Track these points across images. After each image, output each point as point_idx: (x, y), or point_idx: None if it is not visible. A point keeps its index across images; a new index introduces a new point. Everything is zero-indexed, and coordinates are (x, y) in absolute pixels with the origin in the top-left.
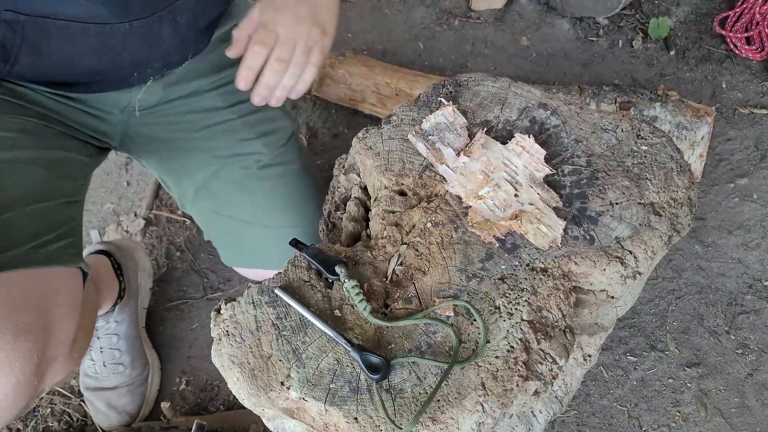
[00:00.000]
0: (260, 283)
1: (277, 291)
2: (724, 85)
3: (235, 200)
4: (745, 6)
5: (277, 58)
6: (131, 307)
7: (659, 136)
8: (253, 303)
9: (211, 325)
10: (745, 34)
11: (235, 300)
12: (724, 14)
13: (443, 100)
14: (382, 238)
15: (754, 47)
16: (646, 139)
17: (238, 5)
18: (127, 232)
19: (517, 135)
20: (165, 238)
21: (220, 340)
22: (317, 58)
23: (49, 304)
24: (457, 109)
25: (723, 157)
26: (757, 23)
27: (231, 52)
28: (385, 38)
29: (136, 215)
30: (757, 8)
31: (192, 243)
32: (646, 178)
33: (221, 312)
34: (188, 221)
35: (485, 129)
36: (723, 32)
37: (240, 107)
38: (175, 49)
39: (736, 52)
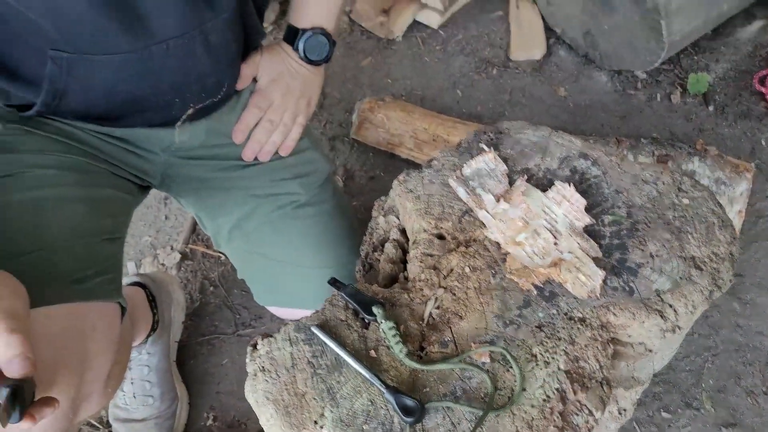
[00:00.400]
0: (298, 320)
1: (313, 329)
2: (763, 143)
3: (269, 240)
4: None
5: (268, 119)
6: (164, 339)
7: (700, 190)
8: (290, 340)
9: (247, 360)
10: None
11: (271, 336)
12: (764, 72)
13: (484, 146)
14: (420, 281)
15: None
16: (687, 193)
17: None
18: (162, 265)
19: (557, 183)
20: (200, 273)
21: (256, 375)
22: (302, 120)
23: (86, 339)
24: (498, 156)
25: (762, 214)
26: None
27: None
28: (424, 85)
29: (172, 249)
30: None
31: (226, 279)
32: (687, 232)
33: (258, 347)
34: (223, 257)
35: (526, 176)
36: (763, 89)
37: (275, 166)
38: (210, 70)
39: None
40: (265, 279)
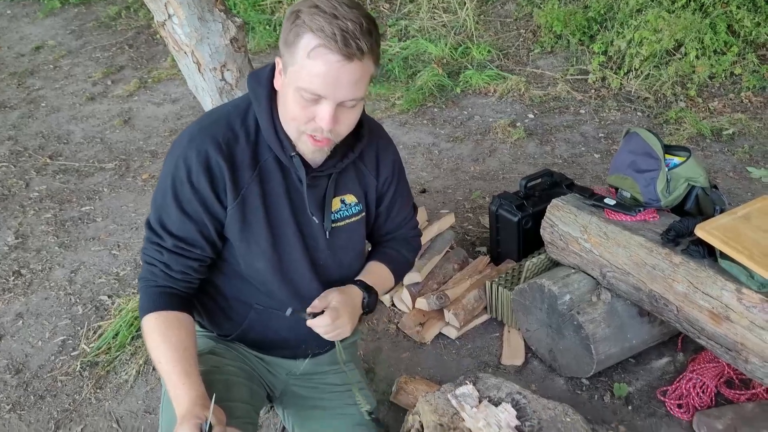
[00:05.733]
0: None
1: None
2: None
3: None
4: (679, 384)
5: (329, 316)
6: None
7: (576, 420)
8: None
9: None
10: (677, 402)
11: None
12: (665, 387)
13: (468, 381)
14: None
15: (683, 410)
16: (568, 416)
17: (356, 329)
18: None
19: (503, 404)
20: None
21: None
22: (348, 328)
23: None
24: (475, 387)
25: None
26: (686, 395)
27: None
28: (442, 373)
29: None
30: (683, 385)
31: None
32: None
33: None
34: None
35: (487, 399)
36: (663, 399)
37: (349, 385)
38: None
39: (672, 413)
40: None
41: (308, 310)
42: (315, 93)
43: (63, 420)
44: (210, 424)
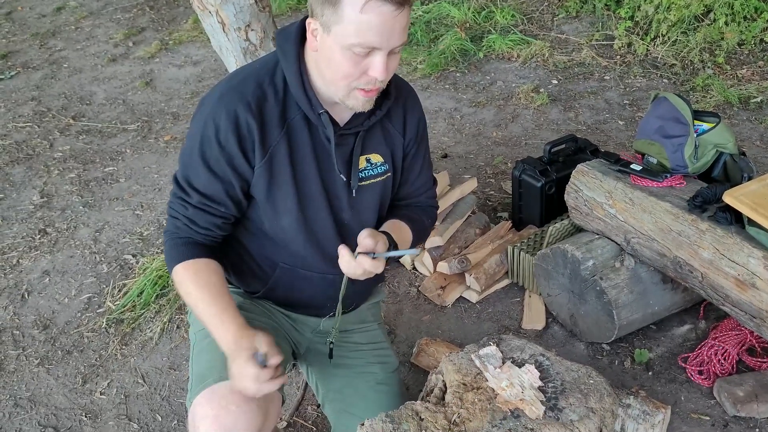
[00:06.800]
0: None
1: None
2: (683, 399)
3: (356, 402)
4: (700, 351)
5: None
6: None
7: (599, 382)
8: None
9: None
10: (698, 368)
11: None
12: (686, 354)
13: (491, 343)
14: (452, 404)
15: (703, 377)
16: (592, 377)
17: (380, 290)
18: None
19: (526, 365)
20: None
21: None
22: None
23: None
24: (498, 348)
25: None
26: (707, 362)
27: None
28: (462, 336)
29: (281, 420)
30: (705, 352)
31: None
32: (590, 395)
33: None
34: (315, 429)
35: (511, 360)
36: (684, 365)
37: (372, 344)
38: (351, 296)
39: (692, 379)
40: None
41: (359, 249)
42: (370, 46)
43: (90, 375)
44: (264, 354)
